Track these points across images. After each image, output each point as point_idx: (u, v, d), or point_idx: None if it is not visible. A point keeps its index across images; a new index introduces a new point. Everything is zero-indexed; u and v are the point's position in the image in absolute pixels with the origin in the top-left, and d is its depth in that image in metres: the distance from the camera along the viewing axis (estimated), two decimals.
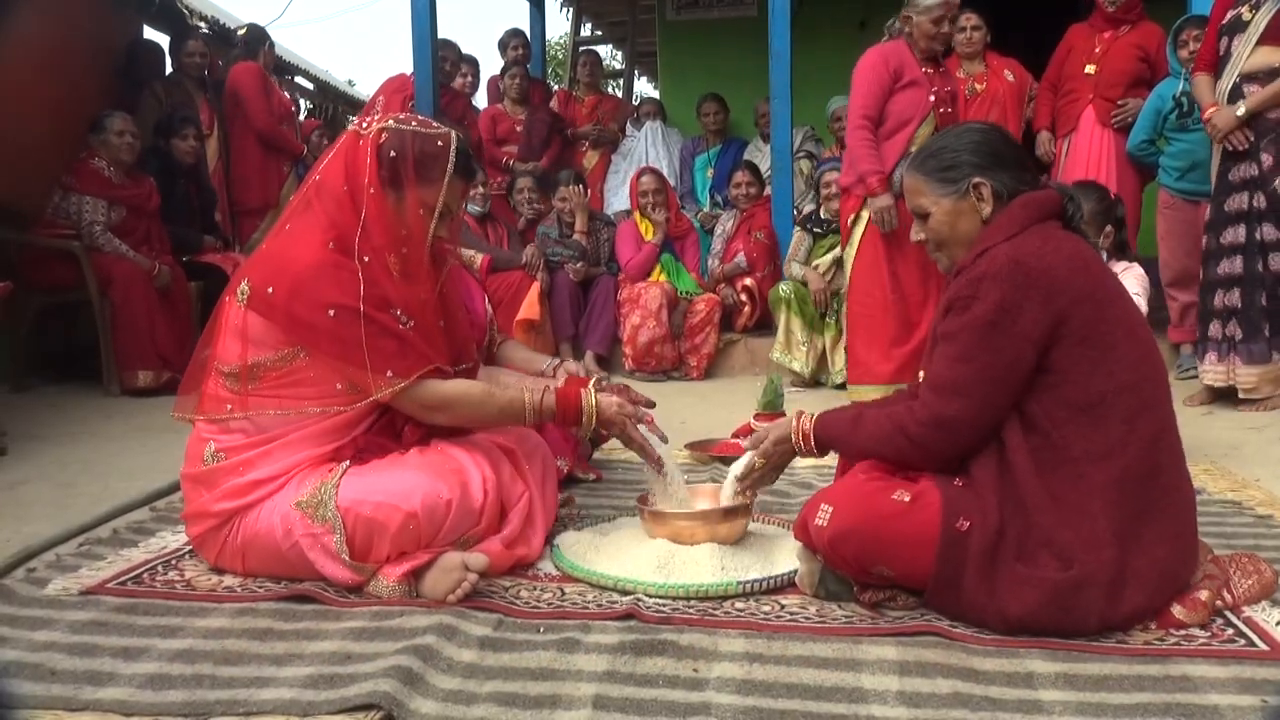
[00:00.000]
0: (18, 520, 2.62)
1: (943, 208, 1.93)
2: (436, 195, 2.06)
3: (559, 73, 10.41)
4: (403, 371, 1.99)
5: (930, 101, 3.94)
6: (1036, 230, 1.83)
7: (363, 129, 2.07)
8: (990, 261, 1.79)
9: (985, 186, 1.89)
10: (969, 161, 1.91)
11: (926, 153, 1.98)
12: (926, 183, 1.95)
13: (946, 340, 1.84)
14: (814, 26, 7.01)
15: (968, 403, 1.79)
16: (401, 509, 1.92)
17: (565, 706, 1.52)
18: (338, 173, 2.05)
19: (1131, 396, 1.75)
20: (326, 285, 1.97)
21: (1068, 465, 1.74)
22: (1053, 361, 1.77)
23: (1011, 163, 1.93)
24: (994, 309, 1.75)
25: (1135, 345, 1.79)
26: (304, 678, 1.60)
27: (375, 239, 2.00)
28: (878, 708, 1.50)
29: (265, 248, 2.14)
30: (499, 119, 6.69)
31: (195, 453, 2.09)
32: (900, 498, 1.79)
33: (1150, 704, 1.50)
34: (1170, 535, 1.75)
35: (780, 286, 5.04)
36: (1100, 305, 1.77)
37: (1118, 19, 5.03)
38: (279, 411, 2.01)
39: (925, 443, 1.83)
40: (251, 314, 2.02)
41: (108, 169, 4.87)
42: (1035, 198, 1.88)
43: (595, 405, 2.13)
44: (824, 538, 1.81)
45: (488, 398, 2.09)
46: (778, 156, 5.62)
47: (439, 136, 2.08)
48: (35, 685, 1.59)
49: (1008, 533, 1.74)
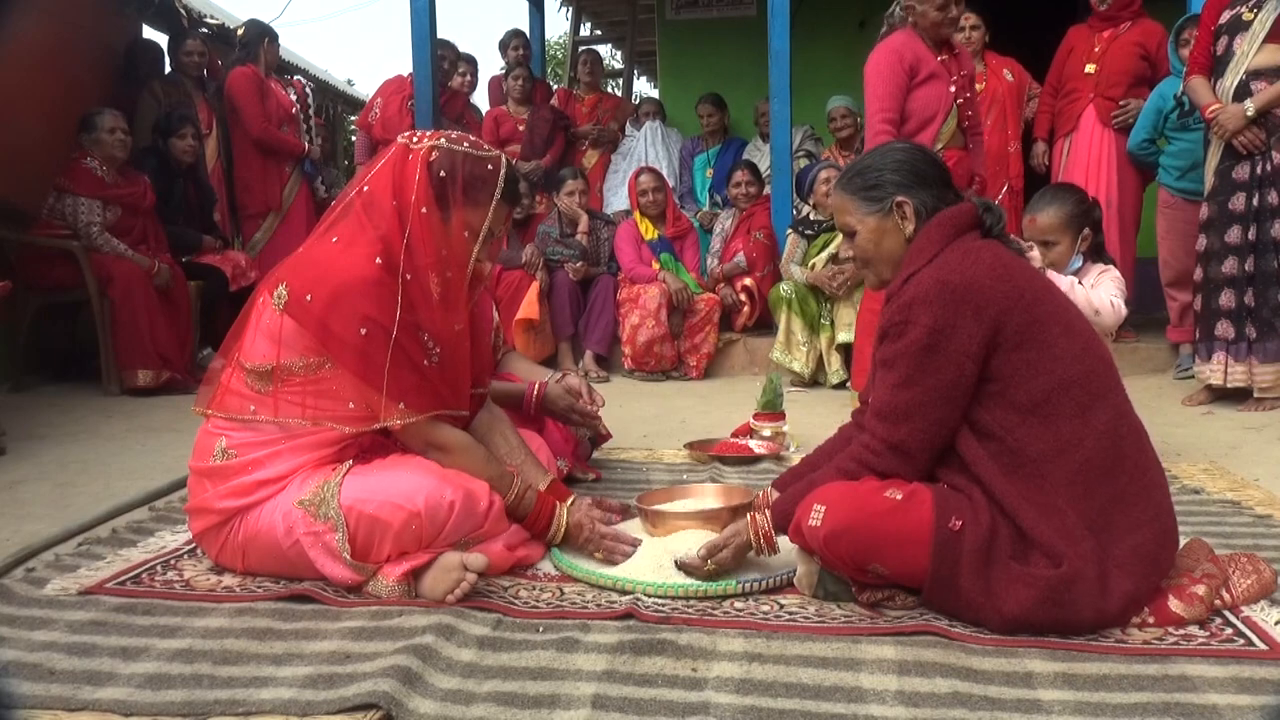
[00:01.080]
0: (17, 520, 2.63)
1: (868, 226, 1.98)
2: (483, 218, 2.06)
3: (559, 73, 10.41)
4: (415, 406, 1.99)
5: (950, 94, 3.71)
6: (956, 246, 1.87)
7: (413, 143, 2.06)
8: (917, 286, 1.83)
9: (908, 205, 1.94)
10: (892, 180, 1.96)
11: (853, 171, 2.04)
12: (852, 200, 2.00)
13: (885, 367, 1.87)
14: (813, 26, 7.02)
15: (915, 425, 1.83)
16: (404, 509, 1.92)
17: (564, 706, 1.52)
18: (386, 187, 2.03)
19: (1079, 390, 1.78)
20: (365, 302, 1.96)
21: (1028, 466, 1.77)
22: (993, 370, 1.80)
23: (933, 181, 1.98)
24: (928, 332, 1.79)
25: (1073, 339, 1.81)
26: (303, 677, 1.60)
27: (419, 259, 2.00)
28: (877, 707, 1.50)
29: (308, 254, 2.10)
30: (502, 120, 6.69)
31: (205, 447, 2.09)
32: (893, 495, 1.80)
33: (1149, 703, 1.50)
34: (1146, 519, 1.76)
35: (781, 286, 5.04)
36: (1029, 307, 1.80)
37: (1114, 17, 5.03)
38: (299, 421, 2.01)
39: (886, 470, 1.86)
40: (287, 319, 2.01)
41: (100, 169, 4.83)
42: (951, 214, 1.92)
43: (564, 526, 2.15)
44: (818, 537, 1.81)
45: (485, 464, 2.09)
46: (777, 156, 5.62)
47: (490, 160, 2.08)
48: (34, 685, 1.59)
49: (1000, 531, 1.75)
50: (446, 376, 2.05)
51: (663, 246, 5.51)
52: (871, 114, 3.74)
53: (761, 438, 3.35)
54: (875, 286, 2.05)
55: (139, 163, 5.30)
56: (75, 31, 5.73)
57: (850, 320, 4.80)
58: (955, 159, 3.64)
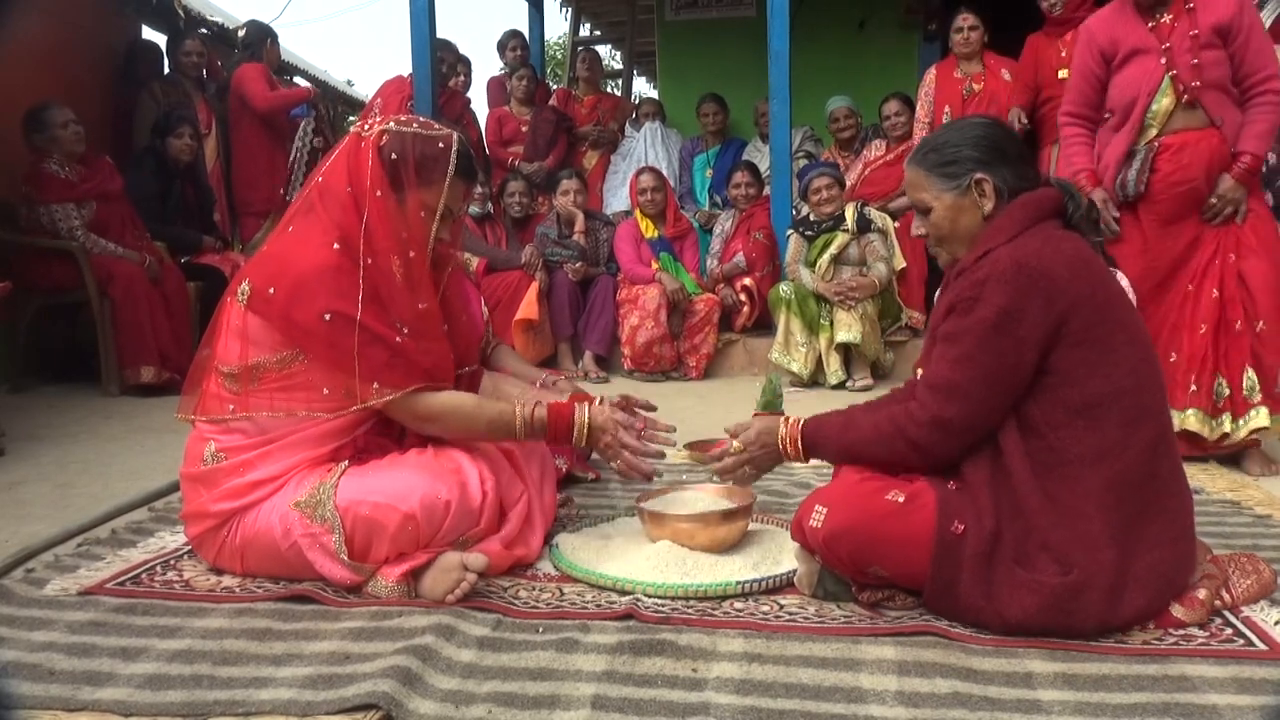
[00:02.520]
0: (17, 520, 2.62)
1: (944, 203, 1.92)
2: (438, 197, 2.06)
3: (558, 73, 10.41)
4: (390, 383, 1.99)
5: (1160, 67, 3.02)
6: (1037, 231, 1.83)
7: (364, 131, 2.07)
8: (993, 264, 1.78)
9: (987, 183, 1.88)
10: (970, 156, 1.89)
11: (929, 146, 1.97)
12: (928, 177, 1.94)
13: (948, 341, 1.83)
14: (813, 27, 7.02)
15: (967, 404, 1.79)
16: (400, 509, 1.92)
17: (564, 706, 1.52)
18: (340, 175, 2.05)
19: (1130, 400, 1.75)
20: (326, 289, 1.96)
21: (1064, 467, 1.74)
22: (1052, 364, 1.76)
23: (1014, 158, 1.92)
24: (998, 312, 1.75)
25: (1134, 349, 1.79)
26: (303, 678, 1.60)
27: (378, 242, 2.00)
28: (876, 707, 1.50)
29: (267, 249, 2.13)
30: (505, 120, 6.69)
31: (195, 452, 2.09)
32: (895, 498, 1.79)
33: (1149, 704, 1.50)
34: (1169, 539, 1.75)
35: (780, 287, 5.04)
36: (1100, 308, 1.77)
37: (1069, 19, 4.99)
38: (278, 414, 2.01)
39: (924, 444, 1.83)
40: (251, 315, 2.02)
41: (63, 170, 4.73)
42: (1035, 197, 1.87)
43: (588, 418, 2.10)
44: (819, 537, 1.81)
45: (478, 410, 2.08)
46: (777, 157, 5.62)
47: (440, 138, 2.08)
48: (34, 685, 1.59)
49: (1004, 536, 1.74)
50: (424, 349, 2.04)
51: (662, 246, 5.51)
52: (1060, 109, 3.43)
53: None
54: (948, 265, 1.99)
55: (139, 163, 5.31)
56: (75, 31, 5.73)
57: (850, 321, 4.81)
58: (1178, 145, 3.03)
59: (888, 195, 5.67)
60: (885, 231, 5.18)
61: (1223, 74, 3.00)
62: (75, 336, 5.03)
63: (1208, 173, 3.00)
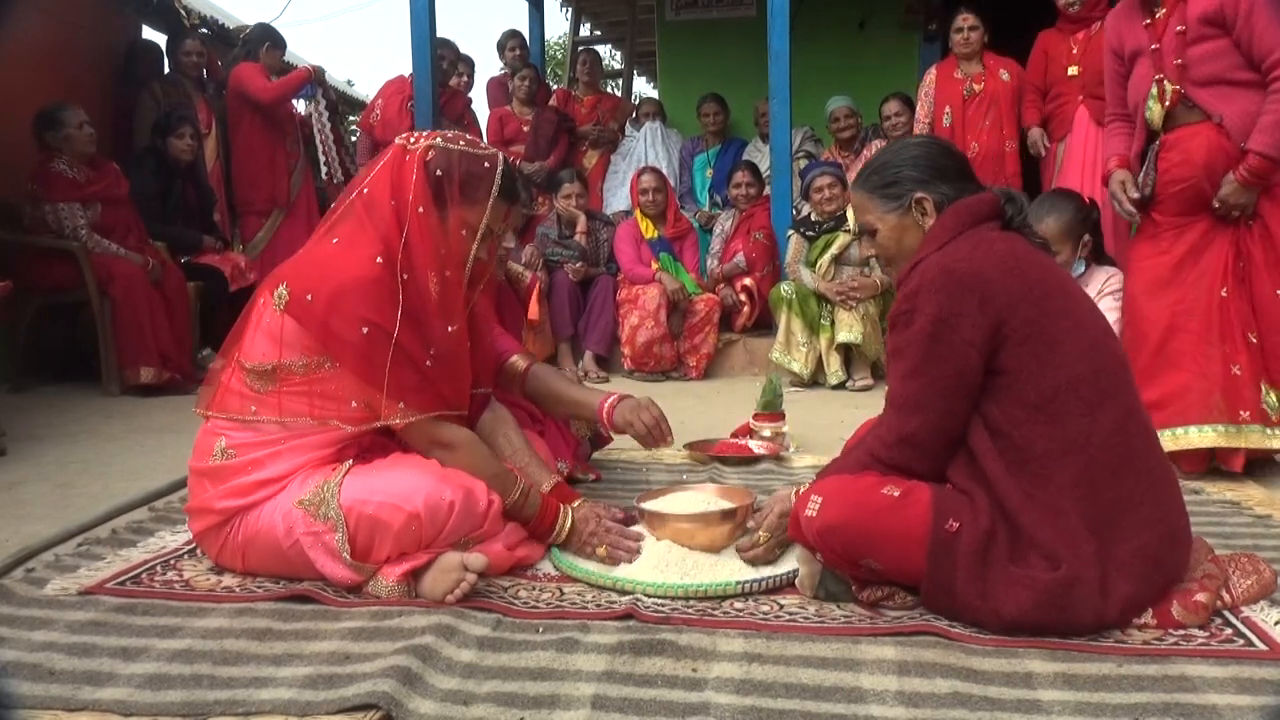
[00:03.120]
0: (17, 520, 2.62)
1: (888, 224, 1.97)
2: (480, 216, 2.06)
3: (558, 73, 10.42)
4: (415, 406, 2.00)
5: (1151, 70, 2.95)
6: (967, 235, 1.85)
7: (410, 144, 2.07)
8: (922, 274, 1.81)
9: (927, 200, 1.92)
10: (910, 176, 1.94)
11: (870, 169, 2.01)
12: (870, 199, 1.99)
13: (894, 357, 1.87)
14: (813, 27, 7.02)
15: (926, 416, 1.81)
16: (404, 509, 1.92)
17: (564, 706, 1.52)
18: (384, 187, 2.04)
19: (1087, 388, 1.76)
20: (366, 301, 1.96)
21: (1033, 464, 1.75)
22: (1001, 364, 1.78)
23: (952, 174, 1.95)
24: (932, 321, 1.77)
25: (1082, 336, 1.80)
26: (303, 678, 1.60)
27: (417, 258, 2.00)
28: (876, 707, 1.50)
29: (309, 255, 2.11)
30: (507, 120, 6.69)
31: (205, 447, 2.09)
32: (890, 492, 1.80)
33: (1149, 704, 1.50)
34: (1152, 520, 1.75)
35: (781, 287, 5.05)
36: (1038, 302, 1.78)
37: (1085, 18, 5.01)
38: (304, 420, 2.01)
39: (899, 464, 1.85)
40: (288, 319, 2.01)
41: (71, 169, 4.76)
42: (966, 204, 1.89)
43: (569, 527, 2.15)
44: (813, 529, 1.82)
45: (488, 462, 2.09)
46: (777, 157, 5.62)
47: (486, 157, 2.08)
48: (34, 685, 1.59)
49: (998, 534, 1.74)
50: (447, 375, 2.05)
51: (662, 246, 5.51)
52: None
53: (761, 438, 3.35)
54: (897, 283, 2.00)
55: (139, 163, 5.31)
56: (75, 31, 5.73)
57: (851, 321, 4.81)
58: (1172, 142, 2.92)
59: None
60: None
61: (1222, 66, 2.81)
62: (75, 336, 5.04)
63: (1207, 170, 2.84)
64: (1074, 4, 5.00)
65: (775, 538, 2.05)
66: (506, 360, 2.54)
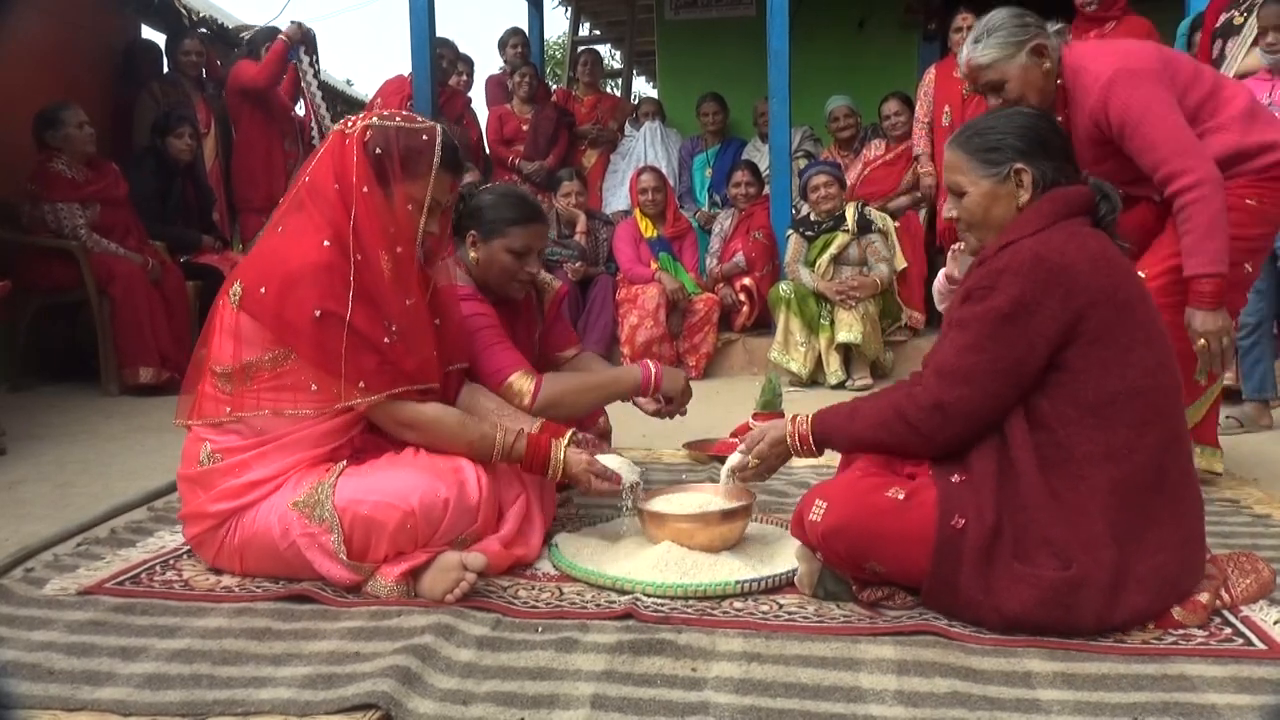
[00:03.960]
0: (16, 520, 2.62)
1: (980, 189, 1.90)
2: (424, 190, 2.06)
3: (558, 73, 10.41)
4: (375, 387, 1.99)
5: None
6: (1063, 226, 1.81)
7: (348, 128, 2.07)
8: (1013, 255, 1.78)
9: (1026, 173, 1.86)
10: (1013, 145, 1.87)
11: (973, 130, 1.95)
12: (968, 161, 1.92)
13: (959, 328, 1.83)
14: (813, 26, 7.02)
15: (971, 391, 1.78)
16: (399, 508, 1.92)
17: (563, 706, 1.52)
18: (327, 172, 2.05)
19: (1143, 402, 1.74)
20: (316, 287, 1.96)
21: (1070, 465, 1.73)
22: (1066, 360, 1.76)
23: (1056, 152, 1.90)
24: (1011, 303, 1.75)
25: (1151, 351, 1.77)
26: (302, 677, 1.60)
27: (366, 238, 2.00)
28: (876, 707, 1.50)
29: (258, 248, 2.14)
30: (506, 118, 6.69)
31: (191, 453, 2.09)
32: (895, 495, 1.79)
33: (1148, 703, 1.50)
34: (1174, 542, 1.74)
35: (780, 286, 5.04)
36: (1119, 308, 1.76)
37: (1101, 18, 5.02)
38: (271, 413, 2.01)
39: (923, 428, 1.82)
40: (244, 314, 2.02)
41: (70, 169, 4.76)
42: (1067, 193, 1.86)
43: (563, 459, 2.14)
44: (818, 532, 1.81)
45: (461, 428, 2.09)
46: (776, 156, 5.62)
47: (423, 130, 2.08)
48: (33, 685, 1.59)
49: (1005, 530, 1.73)
50: (409, 349, 2.04)
51: (661, 246, 5.51)
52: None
53: None
54: (974, 251, 1.97)
55: (138, 162, 5.30)
56: (75, 31, 5.73)
57: (851, 321, 4.81)
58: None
59: (887, 195, 5.67)
60: (886, 232, 5.19)
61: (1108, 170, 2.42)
62: (75, 336, 5.04)
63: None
64: (1091, 4, 5.01)
65: (765, 463, 2.08)
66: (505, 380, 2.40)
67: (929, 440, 1.84)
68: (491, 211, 2.50)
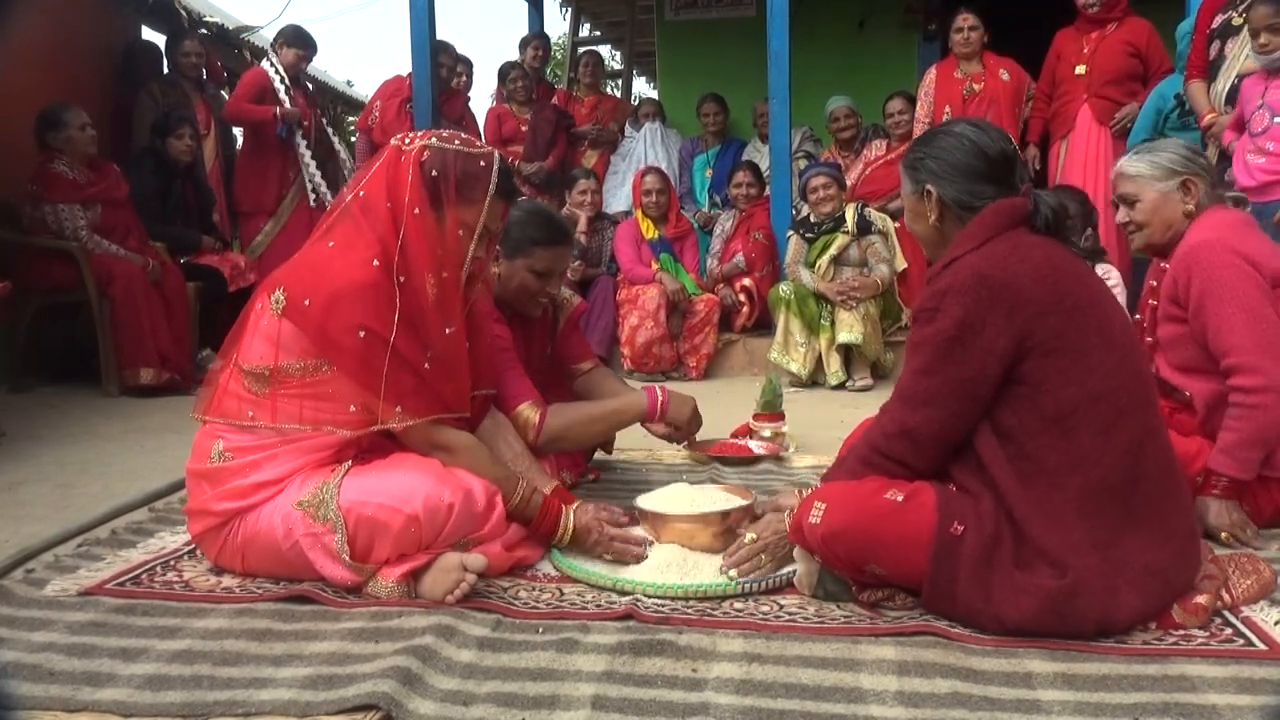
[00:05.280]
0: (16, 520, 2.62)
1: (909, 203, 1.99)
2: (477, 216, 2.06)
3: (558, 73, 10.41)
4: (413, 410, 1.99)
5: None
6: (1006, 237, 1.82)
7: (404, 145, 2.06)
8: (955, 274, 1.79)
9: (932, 195, 1.91)
10: (929, 167, 1.93)
11: (917, 140, 2.03)
12: (903, 173, 2.01)
13: (912, 350, 1.85)
14: (813, 27, 7.02)
15: (932, 412, 1.80)
16: (403, 511, 1.92)
17: (564, 707, 1.52)
18: (380, 189, 2.03)
19: (1106, 405, 1.73)
20: (363, 306, 1.96)
21: (1044, 475, 1.74)
22: (1023, 373, 1.76)
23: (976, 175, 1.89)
24: (956, 324, 1.76)
25: (1110, 353, 1.76)
26: (303, 678, 1.60)
27: (414, 260, 1.99)
28: (876, 708, 1.50)
29: (305, 258, 2.10)
30: (505, 119, 6.69)
31: (203, 449, 2.09)
32: (893, 497, 1.79)
33: (1149, 703, 1.50)
34: (1161, 540, 1.74)
35: (780, 287, 5.04)
36: (1068, 314, 1.75)
37: (1102, 19, 5.04)
38: (297, 425, 2.00)
39: (897, 456, 1.84)
40: (286, 323, 2.00)
41: (71, 170, 4.76)
42: (1007, 204, 1.86)
43: (571, 528, 2.14)
44: (817, 535, 1.81)
45: (489, 464, 2.09)
46: (776, 157, 5.62)
47: (481, 156, 2.07)
48: (34, 686, 1.59)
49: (1003, 538, 1.73)
50: (446, 376, 2.05)
51: (663, 247, 5.51)
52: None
53: (761, 438, 3.35)
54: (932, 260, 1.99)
55: (138, 163, 5.30)
56: (75, 31, 5.73)
57: (852, 321, 4.81)
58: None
59: (888, 195, 5.67)
60: (886, 233, 5.19)
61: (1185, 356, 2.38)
62: (75, 337, 5.03)
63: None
64: (1092, 4, 5.02)
65: (770, 553, 2.01)
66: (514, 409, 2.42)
67: (906, 466, 1.85)
68: (518, 229, 2.48)
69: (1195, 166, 2.42)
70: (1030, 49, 5.57)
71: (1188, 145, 2.52)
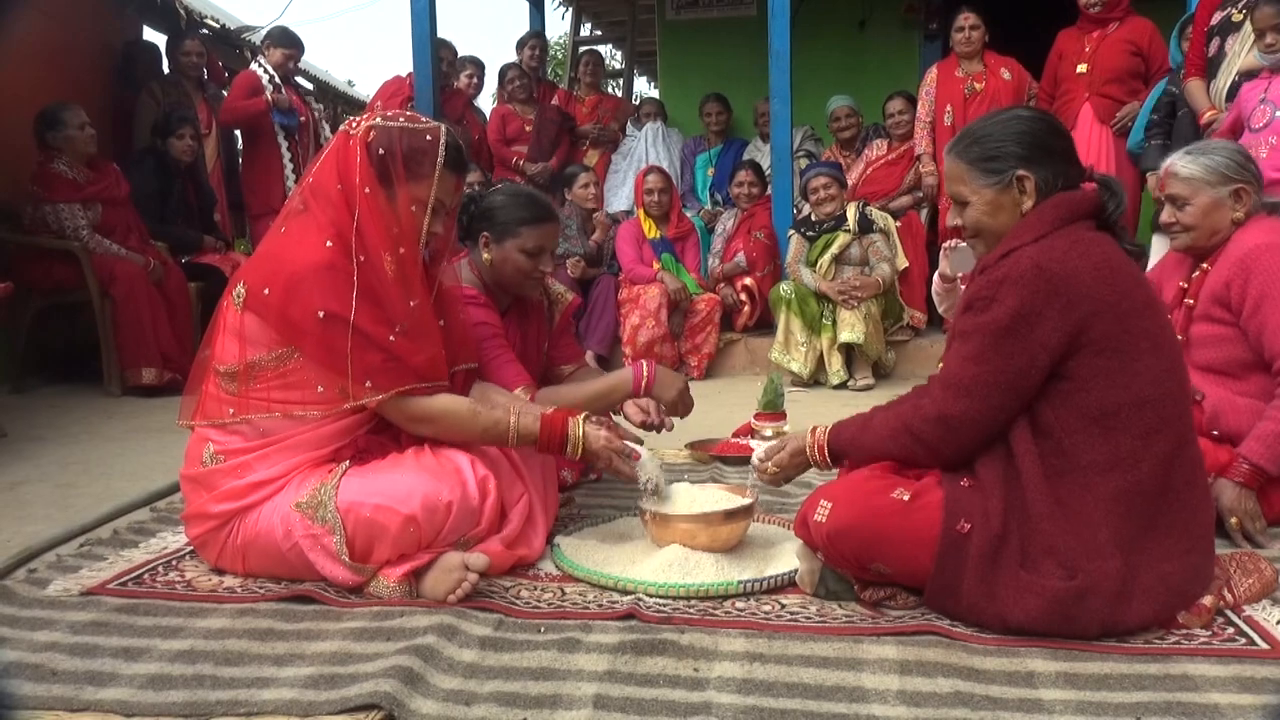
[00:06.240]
0: (18, 520, 2.63)
1: (983, 198, 1.87)
2: (428, 190, 2.06)
3: (559, 73, 10.41)
4: (382, 385, 1.99)
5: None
6: (1066, 232, 1.78)
7: (351, 129, 2.07)
8: (1014, 264, 1.75)
9: (1029, 180, 1.83)
10: (1013, 152, 1.84)
11: (971, 138, 1.90)
12: (969, 171, 1.88)
13: (962, 339, 1.82)
14: (814, 26, 7.01)
15: (974, 403, 1.77)
16: (401, 511, 1.92)
17: (566, 706, 1.52)
18: (330, 173, 2.05)
19: (1149, 411, 1.72)
20: (320, 288, 1.97)
21: (1075, 473, 1.72)
22: (1070, 370, 1.74)
23: (1058, 156, 1.86)
24: (1011, 314, 1.72)
25: (1158, 359, 1.75)
26: (305, 678, 1.61)
27: (370, 239, 2.00)
28: (878, 707, 1.50)
29: (262, 250, 2.14)
30: (508, 119, 6.68)
31: (194, 454, 2.09)
32: (900, 496, 1.78)
33: (1151, 703, 1.50)
34: (1180, 551, 1.73)
35: (781, 286, 5.04)
36: (1123, 316, 1.73)
37: (1104, 19, 5.05)
38: (275, 414, 2.01)
39: (928, 440, 1.82)
40: (248, 315, 2.02)
41: (71, 170, 4.76)
42: (1069, 197, 1.82)
43: (582, 435, 2.10)
44: (822, 533, 1.81)
45: (473, 416, 2.08)
46: (777, 156, 5.62)
47: (427, 131, 2.08)
48: (36, 686, 1.59)
49: (1010, 537, 1.72)
50: (416, 349, 2.04)
51: (664, 247, 5.51)
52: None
53: (763, 438, 3.34)
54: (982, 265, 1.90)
55: (139, 163, 5.30)
56: (75, 31, 5.73)
57: (853, 320, 4.80)
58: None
59: (889, 194, 5.67)
60: (887, 232, 5.19)
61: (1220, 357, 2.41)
62: (77, 337, 5.04)
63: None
64: (1094, 4, 5.02)
65: (784, 472, 2.07)
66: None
67: (935, 452, 1.83)
68: (503, 212, 2.51)
69: (1248, 174, 2.41)
70: (1031, 48, 5.57)
71: (1240, 150, 2.50)
